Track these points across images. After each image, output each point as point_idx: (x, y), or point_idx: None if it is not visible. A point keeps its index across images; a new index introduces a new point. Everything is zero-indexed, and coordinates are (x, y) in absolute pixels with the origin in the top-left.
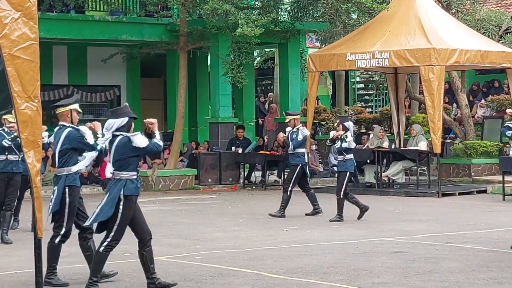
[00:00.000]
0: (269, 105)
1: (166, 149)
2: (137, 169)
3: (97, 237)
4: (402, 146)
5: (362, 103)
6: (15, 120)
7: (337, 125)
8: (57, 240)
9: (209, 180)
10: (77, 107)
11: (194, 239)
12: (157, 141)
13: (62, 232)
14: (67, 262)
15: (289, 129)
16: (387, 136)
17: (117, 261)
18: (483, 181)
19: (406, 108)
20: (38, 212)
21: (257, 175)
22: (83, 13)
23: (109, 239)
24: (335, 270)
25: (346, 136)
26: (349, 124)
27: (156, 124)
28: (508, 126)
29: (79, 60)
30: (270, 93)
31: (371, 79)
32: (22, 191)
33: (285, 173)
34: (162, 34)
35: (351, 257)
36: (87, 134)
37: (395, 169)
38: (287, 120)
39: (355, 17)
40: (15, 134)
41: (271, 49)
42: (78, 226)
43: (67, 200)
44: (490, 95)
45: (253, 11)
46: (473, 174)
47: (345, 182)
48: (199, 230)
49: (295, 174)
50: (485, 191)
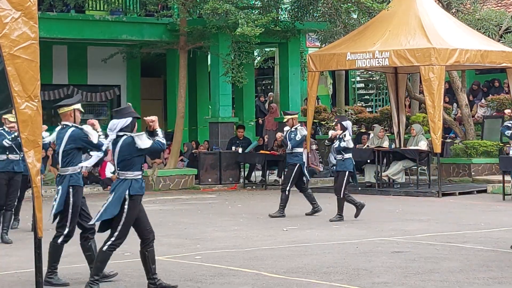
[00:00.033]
0: (269, 104)
1: (166, 149)
2: (142, 168)
3: (98, 237)
4: (402, 145)
5: (362, 102)
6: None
7: (335, 124)
8: (59, 240)
9: (209, 180)
10: (80, 106)
11: (194, 238)
12: (160, 139)
13: (65, 232)
14: (67, 262)
15: (287, 128)
16: (387, 136)
17: (117, 261)
18: (483, 181)
19: (406, 108)
20: (38, 212)
21: (257, 174)
22: (83, 12)
23: (113, 239)
24: (335, 269)
25: (345, 135)
26: (347, 124)
27: (157, 121)
28: (507, 126)
29: (79, 60)
30: (270, 93)
31: (371, 78)
32: (22, 191)
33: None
34: (162, 34)
35: (351, 256)
36: (91, 133)
37: (395, 169)
38: (285, 120)
39: (355, 16)
40: (15, 134)
41: (271, 48)
42: (80, 226)
43: (70, 200)
44: (490, 95)
45: (253, 11)
46: (473, 173)
47: (344, 181)
48: (199, 229)
49: (293, 173)
50: (485, 191)
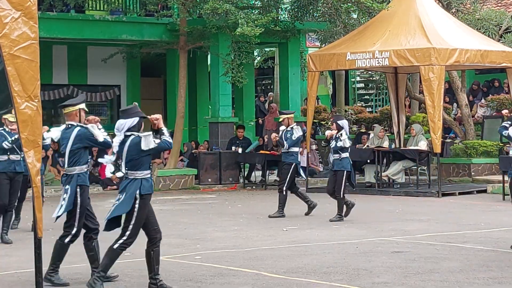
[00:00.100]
0: (269, 104)
1: None
2: (150, 167)
3: (101, 237)
4: (402, 145)
5: (362, 102)
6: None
7: (330, 124)
8: (67, 240)
9: (209, 180)
10: (85, 106)
11: (194, 238)
12: (167, 138)
13: (73, 232)
14: (67, 262)
15: (283, 128)
16: (387, 136)
17: (117, 261)
18: (483, 181)
19: (406, 108)
20: (38, 212)
21: (257, 174)
22: (83, 12)
23: (124, 238)
24: (335, 269)
25: (341, 134)
26: (343, 123)
27: (161, 119)
28: (504, 126)
29: (79, 60)
30: (270, 93)
31: (371, 78)
32: (23, 191)
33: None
34: (162, 34)
35: (351, 256)
36: (96, 132)
37: (395, 169)
38: (281, 119)
39: (355, 16)
40: (16, 137)
41: (271, 48)
42: (85, 226)
43: (78, 200)
44: (490, 95)
45: (253, 11)
46: (473, 173)
47: (343, 181)
48: (199, 229)
49: (289, 173)
50: (485, 191)
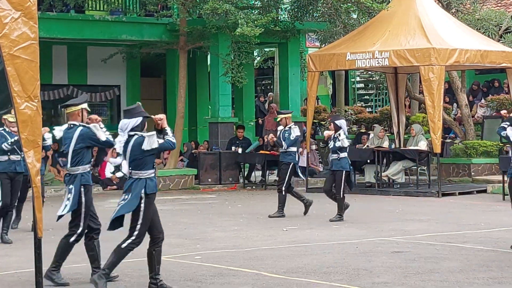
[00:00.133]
0: (269, 104)
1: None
2: (154, 166)
3: (102, 237)
4: (402, 146)
5: (362, 103)
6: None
7: (328, 124)
8: (72, 239)
9: (209, 180)
10: (87, 106)
11: (194, 238)
12: (170, 138)
13: (79, 231)
14: (68, 261)
15: (280, 128)
16: (387, 136)
17: None
18: (483, 181)
19: (406, 108)
20: (38, 212)
21: (257, 174)
22: (83, 12)
23: (133, 237)
24: (335, 269)
25: (339, 134)
26: (341, 122)
27: (165, 119)
28: (503, 127)
29: (79, 60)
30: (270, 93)
31: (371, 78)
32: (24, 191)
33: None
34: (162, 34)
35: (351, 256)
36: (98, 132)
37: (395, 169)
38: (278, 119)
39: (355, 16)
40: (15, 139)
41: (271, 48)
42: (87, 226)
43: (83, 199)
44: (490, 95)
45: (253, 11)
46: (473, 173)
47: (342, 181)
48: (199, 229)
49: (288, 173)
50: (485, 191)
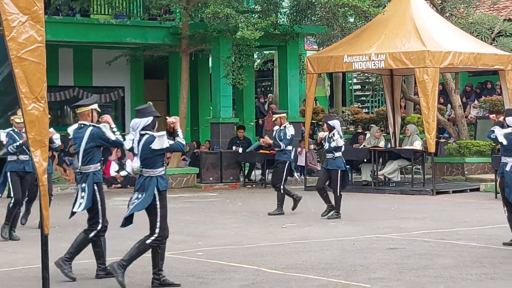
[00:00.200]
0: (268, 105)
1: None
2: (164, 165)
3: (108, 235)
4: (397, 145)
5: (359, 103)
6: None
7: (322, 124)
8: (91, 235)
9: (211, 179)
10: (97, 107)
11: (196, 235)
12: (181, 140)
13: (99, 228)
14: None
15: (276, 127)
16: (383, 136)
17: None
18: (476, 180)
19: (402, 109)
20: (45, 210)
21: (257, 173)
22: (88, 16)
23: (156, 235)
24: (332, 266)
25: (334, 134)
26: (334, 123)
27: (178, 122)
28: (492, 130)
29: (84, 62)
30: (269, 94)
31: (367, 80)
32: (34, 190)
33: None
34: (165, 37)
35: (348, 253)
36: (107, 131)
37: (390, 168)
38: (273, 119)
39: (352, 20)
40: (20, 142)
41: (270, 51)
42: None
43: (98, 197)
44: (483, 96)
45: (253, 15)
46: (466, 172)
47: (338, 180)
48: (201, 227)
49: (284, 171)
50: (478, 189)
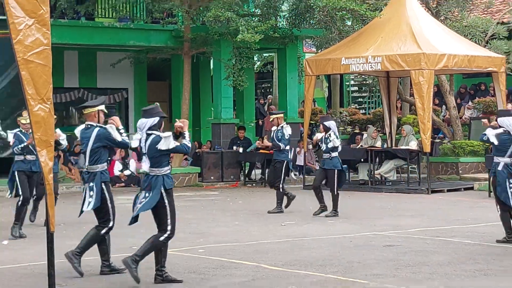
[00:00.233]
0: (268, 106)
1: None
2: (170, 164)
3: (113, 233)
4: (393, 145)
5: (356, 105)
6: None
7: (318, 125)
8: (103, 232)
9: (212, 178)
10: (104, 108)
11: (198, 233)
12: (187, 142)
13: (110, 225)
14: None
15: (274, 128)
16: (380, 136)
17: (125, 254)
18: (470, 179)
19: (398, 110)
20: (51, 208)
21: (257, 173)
22: (93, 20)
23: (168, 232)
24: (330, 262)
25: (330, 135)
26: (329, 123)
27: (186, 125)
28: (484, 134)
29: (89, 64)
30: (269, 96)
31: (364, 82)
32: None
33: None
34: (168, 40)
35: (345, 250)
36: (114, 132)
37: (387, 167)
38: (271, 119)
39: (349, 23)
40: (25, 144)
41: (270, 54)
42: None
43: (107, 196)
44: (477, 98)
45: (253, 18)
46: (460, 172)
47: (335, 179)
48: (203, 224)
49: (282, 170)
50: (472, 188)
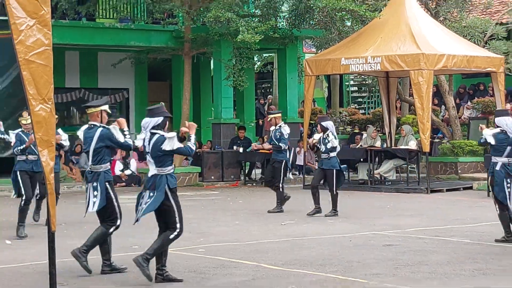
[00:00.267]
0: (268, 107)
1: None
2: (173, 163)
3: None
4: (393, 145)
5: (355, 105)
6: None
7: (316, 125)
8: (111, 230)
9: (212, 177)
10: (107, 108)
11: (198, 232)
12: (191, 145)
13: (118, 224)
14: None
15: (273, 128)
16: (379, 136)
17: (126, 254)
18: (469, 178)
19: (397, 110)
20: (52, 207)
21: (257, 172)
22: (93, 20)
23: (178, 230)
24: (330, 262)
25: (328, 135)
26: (327, 124)
27: (193, 128)
28: (481, 138)
29: (90, 65)
30: (269, 96)
31: (364, 82)
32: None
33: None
34: (168, 41)
35: (345, 250)
36: (117, 133)
37: (386, 167)
38: (268, 119)
39: (349, 24)
40: (24, 146)
41: (270, 54)
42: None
43: (112, 195)
44: (476, 98)
45: (253, 19)
46: (459, 171)
47: (333, 179)
48: (203, 224)
49: (282, 170)
50: (471, 188)
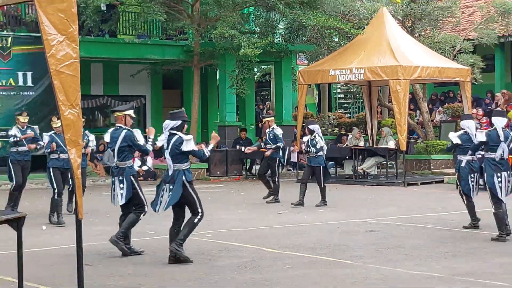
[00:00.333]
0: (266, 111)
1: None
2: (189, 160)
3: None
4: (374, 144)
5: (342, 109)
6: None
7: (304, 128)
8: (141, 216)
9: (218, 173)
10: (131, 112)
11: (206, 220)
12: (206, 151)
13: (146, 210)
14: (101, 239)
15: (267, 130)
16: (363, 137)
17: (144, 238)
18: (440, 173)
19: (378, 114)
20: (79, 198)
21: (257, 168)
22: (115, 36)
23: (200, 214)
24: (320, 245)
25: (315, 137)
26: (314, 127)
27: (215, 140)
28: (447, 145)
29: (112, 75)
30: (267, 102)
31: (349, 90)
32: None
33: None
34: (180, 54)
35: (333, 235)
36: (139, 136)
37: (369, 164)
38: (263, 122)
39: (336, 40)
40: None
41: (268, 65)
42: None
43: (137, 187)
44: (446, 103)
45: (254, 35)
46: (432, 167)
47: (321, 174)
48: (210, 213)
49: (276, 166)
50: (442, 182)
